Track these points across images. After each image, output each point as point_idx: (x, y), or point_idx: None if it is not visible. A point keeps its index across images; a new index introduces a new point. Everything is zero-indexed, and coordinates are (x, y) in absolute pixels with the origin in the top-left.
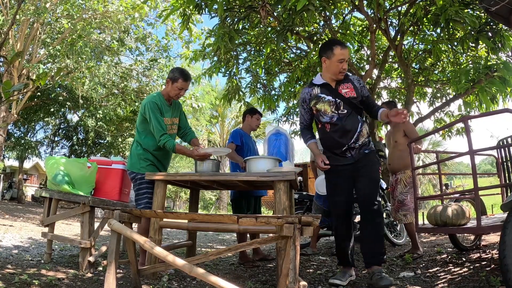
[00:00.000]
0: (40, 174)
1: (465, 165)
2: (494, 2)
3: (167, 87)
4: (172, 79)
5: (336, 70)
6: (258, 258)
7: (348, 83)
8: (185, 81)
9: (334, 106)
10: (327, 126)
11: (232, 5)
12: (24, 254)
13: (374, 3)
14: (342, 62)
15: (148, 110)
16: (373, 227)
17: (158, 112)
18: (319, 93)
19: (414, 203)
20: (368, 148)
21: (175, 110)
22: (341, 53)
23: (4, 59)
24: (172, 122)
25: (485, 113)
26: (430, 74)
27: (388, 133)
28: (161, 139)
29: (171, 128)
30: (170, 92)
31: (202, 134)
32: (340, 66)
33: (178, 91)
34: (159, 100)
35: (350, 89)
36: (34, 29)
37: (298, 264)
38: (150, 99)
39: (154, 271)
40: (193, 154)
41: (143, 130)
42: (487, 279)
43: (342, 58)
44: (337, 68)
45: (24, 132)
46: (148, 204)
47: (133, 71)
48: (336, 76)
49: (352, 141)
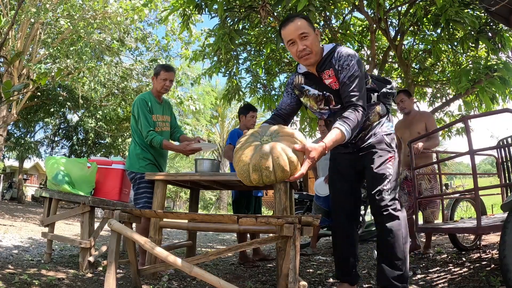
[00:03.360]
0: (40, 174)
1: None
2: (494, 2)
3: (154, 84)
4: (155, 74)
5: (294, 53)
6: (258, 258)
7: (329, 69)
8: (166, 71)
9: (322, 101)
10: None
11: (232, 5)
12: (24, 254)
13: (374, 3)
14: (292, 43)
15: (137, 107)
16: (383, 236)
17: (146, 109)
18: (302, 83)
19: (414, 203)
20: (375, 135)
21: (166, 108)
22: (287, 34)
23: (4, 59)
24: (164, 119)
25: (485, 113)
26: (430, 74)
27: (402, 123)
28: (148, 135)
29: (163, 125)
30: (157, 86)
31: (202, 134)
32: (294, 49)
33: (163, 82)
34: (149, 98)
35: (332, 77)
36: (34, 29)
37: (298, 264)
38: (140, 97)
39: (154, 271)
40: (181, 149)
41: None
42: (487, 279)
43: (290, 39)
44: (293, 51)
45: (24, 132)
46: (146, 204)
47: (133, 71)
48: (301, 62)
49: (353, 137)
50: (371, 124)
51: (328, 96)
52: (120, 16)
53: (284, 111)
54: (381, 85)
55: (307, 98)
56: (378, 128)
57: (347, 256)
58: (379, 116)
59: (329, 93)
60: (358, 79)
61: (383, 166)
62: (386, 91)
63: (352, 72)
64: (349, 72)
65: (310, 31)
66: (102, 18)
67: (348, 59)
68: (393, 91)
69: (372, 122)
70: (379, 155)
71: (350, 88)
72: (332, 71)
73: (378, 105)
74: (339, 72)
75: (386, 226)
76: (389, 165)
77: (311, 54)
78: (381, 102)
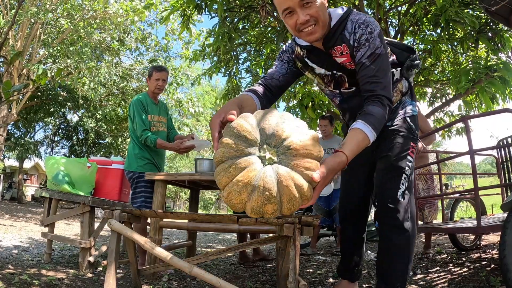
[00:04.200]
0: (40, 174)
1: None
2: (494, 2)
3: (148, 85)
4: (149, 75)
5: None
6: (258, 258)
7: (341, 45)
8: (158, 71)
9: (331, 82)
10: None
11: (232, 5)
12: (24, 254)
13: (374, 3)
14: (289, 13)
15: (132, 108)
16: (385, 237)
17: (142, 109)
18: (305, 57)
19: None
20: (395, 118)
21: (162, 110)
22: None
23: (4, 59)
24: (159, 119)
25: (485, 113)
26: (430, 74)
27: None
28: (142, 134)
29: (159, 125)
30: (151, 87)
31: (202, 134)
32: (292, 20)
33: (156, 83)
34: (145, 99)
35: (346, 56)
36: (34, 29)
37: (298, 264)
38: (136, 98)
39: (154, 271)
40: (175, 147)
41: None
42: (487, 279)
43: (286, 8)
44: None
45: (24, 132)
46: (144, 203)
47: (133, 71)
48: (302, 37)
49: None
50: (393, 104)
51: (339, 76)
52: (120, 17)
53: (276, 82)
54: (402, 54)
55: (313, 74)
56: (399, 109)
57: (351, 252)
58: (401, 95)
59: (341, 72)
60: (381, 60)
61: (402, 156)
62: (410, 63)
63: (373, 49)
64: (369, 49)
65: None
66: (102, 18)
67: (367, 31)
68: (418, 62)
69: (394, 102)
70: (399, 142)
71: (372, 72)
72: (346, 48)
73: (400, 81)
74: (355, 50)
75: (390, 241)
76: (410, 157)
77: (317, 27)
78: (403, 78)
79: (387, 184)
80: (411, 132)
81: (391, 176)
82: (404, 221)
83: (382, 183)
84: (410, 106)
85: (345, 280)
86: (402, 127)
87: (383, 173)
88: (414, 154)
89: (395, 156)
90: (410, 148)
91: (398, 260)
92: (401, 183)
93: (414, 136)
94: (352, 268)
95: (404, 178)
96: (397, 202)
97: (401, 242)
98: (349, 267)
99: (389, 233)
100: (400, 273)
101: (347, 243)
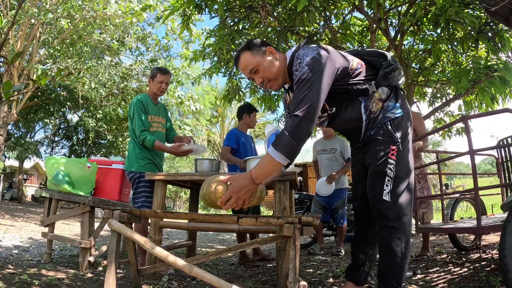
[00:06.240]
0: (40, 174)
1: (465, 165)
2: (494, 2)
3: (150, 86)
4: (152, 76)
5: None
6: (258, 258)
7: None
8: (163, 74)
9: None
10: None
11: (232, 5)
12: (24, 254)
13: (374, 3)
14: (252, 78)
15: (132, 108)
16: (379, 237)
17: (141, 109)
18: (291, 99)
19: (414, 203)
20: (375, 126)
21: (161, 111)
22: (243, 73)
23: (4, 59)
24: (159, 120)
25: (485, 113)
26: (430, 74)
27: None
28: (141, 135)
29: (159, 126)
30: (153, 89)
31: (202, 134)
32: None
33: (159, 85)
34: (145, 99)
35: None
36: (34, 29)
37: (298, 264)
38: (136, 98)
39: (154, 271)
40: (173, 150)
41: None
42: (487, 279)
43: (247, 77)
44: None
45: (24, 132)
46: (145, 203)
47: (133, 71)
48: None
49: (364, 132)
50: (375, 113)
51: None
52: (119, 18)
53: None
54: (378, 61)
55: None
56: (380, 115)
57: (354, 251)
58: (383, 101)
59: None
60: (305, 83)
61: (383, 161)
62: (384, 72)
63: (299, 76)
64: (296, 77)
65: (257, 60)
66: (102, 19)
67: (296, 62)
68: (392, 67)
69: (375, 112)
70: (378, 149)
71: (295, 96)
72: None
73: (377, 91)
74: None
75: (384, 240)
76: (391, 159)
77: (272, 82)
78: (380, 86)
79: (374, 187)
80: (390, 136)
81: (376, 179)
82: (394, 220)
83: (370, 187)
84: (392, 110)
85: (350, 283)
86: (379, 134)
87: (370, 178)
88: (396, 156)
89: (376, 162)
90: (390, 151)
91: (392, 258)
92: (385, 184)
93: (394, 139)
94: (357, 268)
95: (388, 180)
96: (384, 203)
97: (393, 241)
98: (353, 267)
99: (381, 232)
100: (395, 271)
101: (352, 242)
